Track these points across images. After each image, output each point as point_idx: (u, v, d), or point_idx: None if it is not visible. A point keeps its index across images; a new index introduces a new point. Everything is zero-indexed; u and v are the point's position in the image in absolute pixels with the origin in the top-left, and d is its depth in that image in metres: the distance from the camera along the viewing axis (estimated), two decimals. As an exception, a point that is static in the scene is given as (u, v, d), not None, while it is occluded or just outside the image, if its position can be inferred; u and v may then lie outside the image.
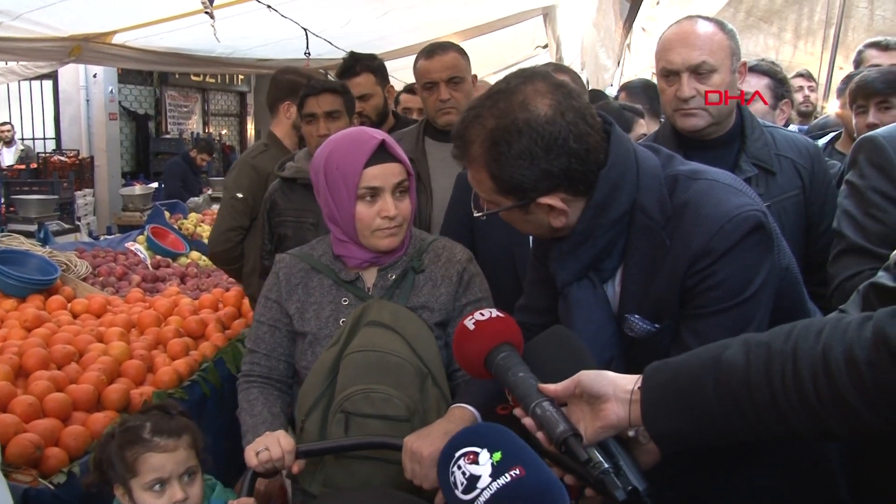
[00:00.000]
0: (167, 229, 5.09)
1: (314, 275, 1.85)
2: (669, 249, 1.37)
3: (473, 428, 1.04)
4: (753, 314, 1.36)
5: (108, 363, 2.47)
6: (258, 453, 1.58)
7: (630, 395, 1.10)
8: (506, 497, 0.91)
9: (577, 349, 1.25)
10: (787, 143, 2.10)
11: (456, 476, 0.96)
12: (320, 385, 1.72)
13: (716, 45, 1.95)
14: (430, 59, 2.72)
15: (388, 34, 7.26)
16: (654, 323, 1.42)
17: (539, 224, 1.42)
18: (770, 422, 1.00)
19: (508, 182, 1.34)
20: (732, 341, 1.07)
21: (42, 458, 2.01)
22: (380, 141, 1.74)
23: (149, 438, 1.60)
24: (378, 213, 1.74)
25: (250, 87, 15.13)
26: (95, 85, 10.76)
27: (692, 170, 1.44)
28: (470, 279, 1.86)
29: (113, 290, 3.83)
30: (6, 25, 4.68)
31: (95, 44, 5.50)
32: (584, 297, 1.46)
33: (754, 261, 1.35)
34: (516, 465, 0.93)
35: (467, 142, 1.38)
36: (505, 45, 8.73)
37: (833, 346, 0.96)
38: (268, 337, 1.86)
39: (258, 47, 6.73)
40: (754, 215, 1.35)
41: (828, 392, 0.94)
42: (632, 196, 1.39)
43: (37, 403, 2.16)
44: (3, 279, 3.30)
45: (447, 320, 1.83)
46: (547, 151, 1.31)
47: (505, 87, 1.37)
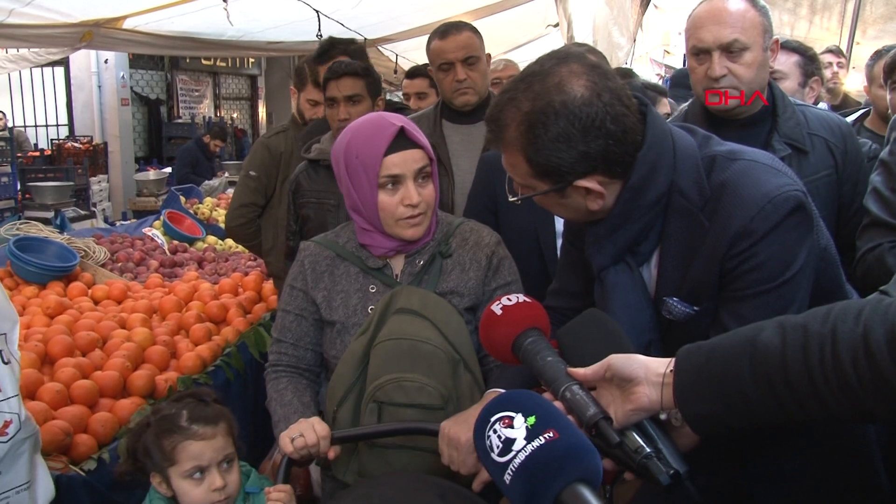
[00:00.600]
0: (183, 214, 5.11)
1: (340, 262, 1.83)
2: (708, 231, 1.35)
3: (508, 394, 1.06)
4: (794, 296, 1.34)
5: (133, 349, 2.48)
6: (293, 440, 1.58)
7: (662, 377, 1.09)
8: (540, 458, 0.93)
9: (613, 332, 1.24)
10: (819, 121, 2.06)
11: (492, 440, 0.98)
12: (351, 375, 1.70)
13: (748, 22, 1.91)
14: (445, 39, 2.68)
15: (399, 14, 7.21)
16: (693, 306, 1.41)
17: (575, 208, 1.40)
18: (808, 404, 0.99)
19: (545, 165, 1.32)
20: (767, 323, 1.05)
21: (71, 444, 2.02)
22: (399, 127, 1.70)
23: (186, 426, 1.59)
24: (401, 201, 1.70)
25: (261, 70, 15.09)
26: (107, 71, 10.76)
27: (730, 150, 1.41)
28: (499, 263, 1.83)
29: (131, 275, 3.84)
30: (17, 12, 4.68)
31: (106, 29, 5.49)
32: (622, 282, 1.44)
33: (795, 242, 1.33)
34: (550, 429, 0.95)
35: (502, 126, 1.35)
36: (516, 24, 8.65)
37: (874, 327, 0.94)
38: (294, 326, 1.84)
39: (269, 29, 6.70)
40: (795, 195, 1.32)
41: (869, 374, 0.93)
42: (669, 178, 1.37)
43: (64, 391, 2.18)
44: (23, 266, 3.33)
45: (477, 305, 1.80)
46: (584, 133, 1.29)
47: (539, 69, 1.34)
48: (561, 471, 0.92)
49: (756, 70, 1.93)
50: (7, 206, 7.37)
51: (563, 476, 0.92)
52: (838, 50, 4.84)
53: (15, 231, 4.17)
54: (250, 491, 1.69)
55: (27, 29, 5.07)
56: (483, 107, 2.73)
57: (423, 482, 1.38)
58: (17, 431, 1.63)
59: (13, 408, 1.63)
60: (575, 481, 0.92)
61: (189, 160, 8.88)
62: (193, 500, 1.59)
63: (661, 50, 11.14)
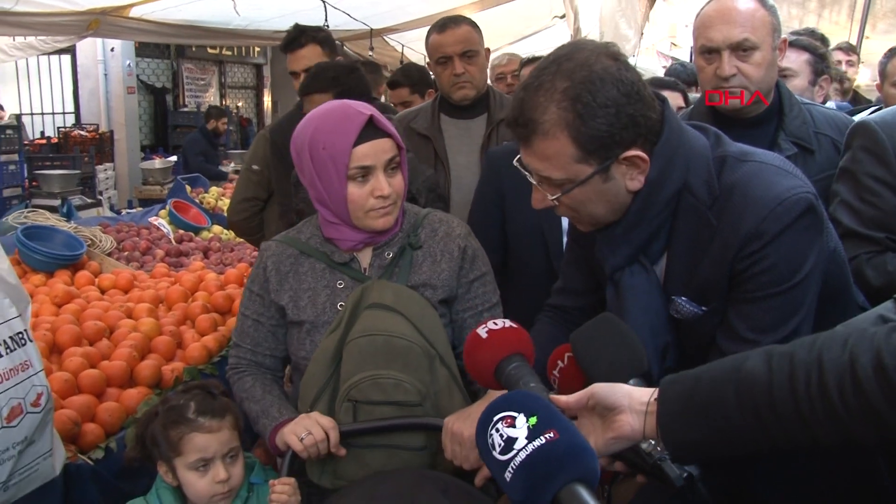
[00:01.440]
0: (189, 203, 5.12)
1: (304, 259, 1.77)
2: (717, 230, 1.36)
3: (510, 394, 1.08)
4: (803, 298, 1.35)
5: (139, 339, 2.50)
6: (302, 438, 1.57)
7: (646, 406, 1.10)
8: (540, 458, 0.96)
9: (627, 337, 1.25)
10: (826, 120, 2.06)
11: (494, 438, 1.00)
12: (323, 374, 1.66)
13: (757, 21, 1.91)
14: (443, 33, 2.69)
15: (404, 4, 7.19)
16: (702, 306, 1.41)
17: (615, 193, 1.37)
18: (793, 432, 1.00)
19: (595, 137, 1.30)
20: (753, 353, 1.07)
21: (79, 433, 2.05)
22: (368, 116, 1.64)
23: (193, 419, 1.61)
24: (371, 192, 1.65)
25: (266, 59, 15.06)
26: (113, 59, 10.76)
27: (741, 151, 1.41)
28: (473, 254, 1.80)
29: (137, 264, 3.86)
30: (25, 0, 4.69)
31: (113, 17, 5.51)
32: (639, 283, 1.44)
33: (805, 244, 1.33)
34: (551, 429, 0.98)
35: (536, 113, 1.32)
36: (521, 16, 8.62)
37: (860, 354, 0.95)
38: (252, 331, 1.80)
39: (275, 18, 6.69)
40: (806, 197, 1.33)
41: (855, 401, 0.94)
42: (683, 174, 1.37)
43: (72, 380, 2.20)
44: (30, 255, 3.34)
45: (451, 297, 1.77)
46: (628, 97, 1.30)
47: (558, 56, 1.34)
48: (560, 470, 0.94)
49: (765, 69, 1.93)
50: (14, 193, 7.40)
51: (562, 475, 0.94)
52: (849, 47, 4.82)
53: (23, 219, 4.19)
54: (255, 482, 1.71)
55: (34, 17, 5.08)
56: (481, 101, 2.73)
57: (426, 478, 1.40)
58: (46, 402, 1.70)
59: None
60: (573, 481, 0.95)
61: (199, 149, 8.86)
62: (197, 491, 1.62)
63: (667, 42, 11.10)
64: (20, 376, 1.65)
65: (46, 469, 1.75)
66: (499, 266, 2.44)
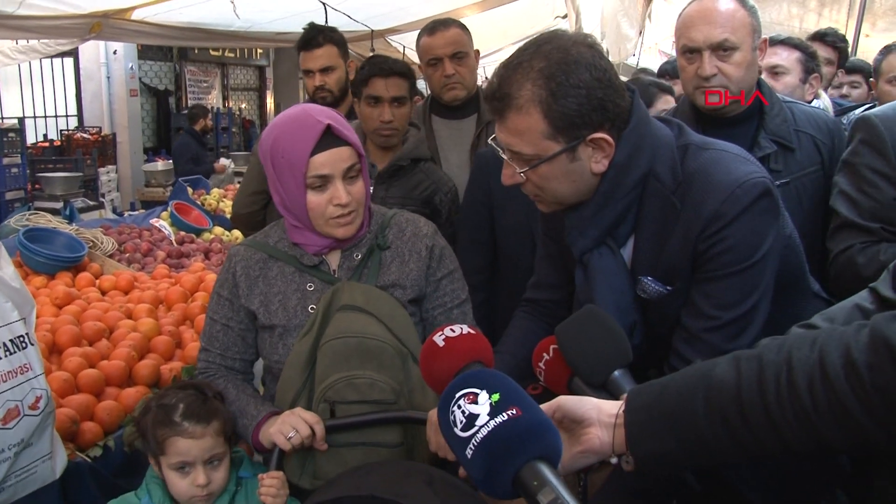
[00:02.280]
0: (190, 205, 5.14)
1: (273, 263, 1.78)
2: (681, 214, 1.43)
3: (473, 372, 1.06)
4: (761, 277, 1.43)
5: (138, 339, 2.52)
6: (289, 437, 1.59)
7: (615, 418, 1.07)
8: (502, 434, 0.94)
9: (612, 330, 1.27)
10: (806, 118, 2.09)
11: (456, 415, 0.99)
12: (299, 377, 1.68)
13: (737, 22, 1.94)
14: (433, 35, 2.72)
15: (406, 5, 7.21)
16: (667, 285, 1.48)
17: (580, 174, 1.44)
18: (763, 438, 0.97)
19: (565, 115, 1.37)
20: (721, 359, 1.04)
21: (78, 431, 2.06)
22: (325, 125, 1.63)
23: (178, 422, 1.61)
24: (330, 200, 1.65)
25: (269, 60, 15.10)
26: (116, 61, 10.80)
27: (702, 140, 1.50)
28: (441, 252, 1.82)
29: (139, 266, 3.88)
30: (27, 3, 4.73)
31: (115, 20, 5.53)
32: (606, 265, 1.51)
33: (763, 226, 1.41)
34: (513, 406, 0.96)
35: (512, 88, 1.40)
36: (523, 16, 8.64)
37: (830, 351, 0.93)
38: (221, 336, 1.80)
39: (277, 20, 6.72)
40: (762, 181, 1.41)
41: (825, 399, 0.92)
42: (649, 161, 1.45)
43: (71, 379, 2.22)
44: (32, 257, 3.36)
45: (420, 296, 1.79)
46: (599, 81, 1.37)
47: (539, 39, 1.43)
48: (522, 447, 0.94)
49: (745, 69, 1.96)
50: (17, 196, 7.43)
51: (524, 452, 0.93)
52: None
53: (25, 222, 4.21)
54: (243, 476, 1.72)
55: (37, 20, 5.11)
56: (471, 101, 2.76)
57: (412, 469, 1.41)
58: (45, 406, 1.72)
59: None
60: (535, 458, 0.94)
61: (190, 155, 8.75)
62: (178, 492, 1.64)
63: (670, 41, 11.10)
64: (18, 379, 1.67)
65: (45, 472, 1.76)
66: (488, 265, 2.46)
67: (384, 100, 2.43)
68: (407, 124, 2.54)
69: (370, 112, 2.45)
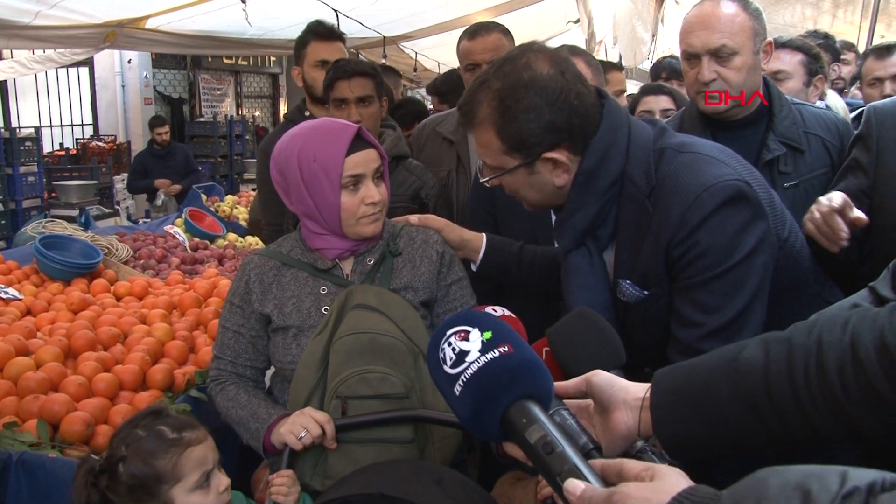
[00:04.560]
0: (204, 212, 5.16)
1: (286, 270, 1.83)
2: (653, 218, 1.44)
3: (466, 311, 1.09)
4: (745, 278, 1.40)
5: (152, 344, 2.53)
6: (300, 437, 1.60)
7: (641, 402, 1.04)
8: (492, 370, 0.94)
9: (605, 331, 1.25)
10: (815, 120, 2.07)
11: (446, 352, 0.98)
12: (313, 376, 1.70)
13: (737, 26, 1.93)
14: (473, 40, 2.69)
15: (418, 11, 7.23)
16: (644, 289, 1.49)
17: (543, 185, 1.49)
18: (791, 422, 0.93)
19: (516, 136, 1.43)
20: (750, 341, 1.01)
21: (93, 435, 2.08)
22: (357, 128, 1.74)
23: (178, 437, 1.53)
24: (362, 200, 1.73)
25: (282, 68, 15.20)
26: (130, 70, 10.92)
27: (680, 143, 1.50)
28: (450, 259, 1.89)
29: (153, 272, 3.90)
30: (43, 14, 4.77)
31: (129, 29, 5.58)
32: (581, 265, 1.54)
33: (737, 228, 1.39)
34: (505, 344, 0.96)
35: (474, 105, 1.47)
36: (536, 21, 8.64)
37: (862, 334, 0.90)
38: (232, 343, 1.84)
39: (289, 27, 6.75)
40: (732, 184, 1.40)
41: (856, 383, 0.89)
42: (621, 165, 1.46)
43: (86, 383, 2.23)
44: (48, 264, 3.39)
45: (431, 300, 1.84)
46: (551, 105, 1.41)
47: (508, 56, 1.48)
48: (512, 384, 0.93)
49: (746, 73, 1.95)
50: (33, 204, 7.51)
51: (514, 390, 0.93)
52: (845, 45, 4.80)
53: (41, 229, 4.25)
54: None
55: (52, 30, 5.16)
56: None
57: (421, 468, 1.42)
58: None
59: None
60: (525, 397, 0.93)
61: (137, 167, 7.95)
62: None
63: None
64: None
65: None
66: None
67: (350, 101, 2.45)
68: (377, 123, 2.53)
69: (338, 115, 2.45)
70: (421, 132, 3.03)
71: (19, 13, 4.66)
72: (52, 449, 1.97)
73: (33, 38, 5.32)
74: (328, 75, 2.54)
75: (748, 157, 1.99)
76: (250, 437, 1.74)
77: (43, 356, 2.34)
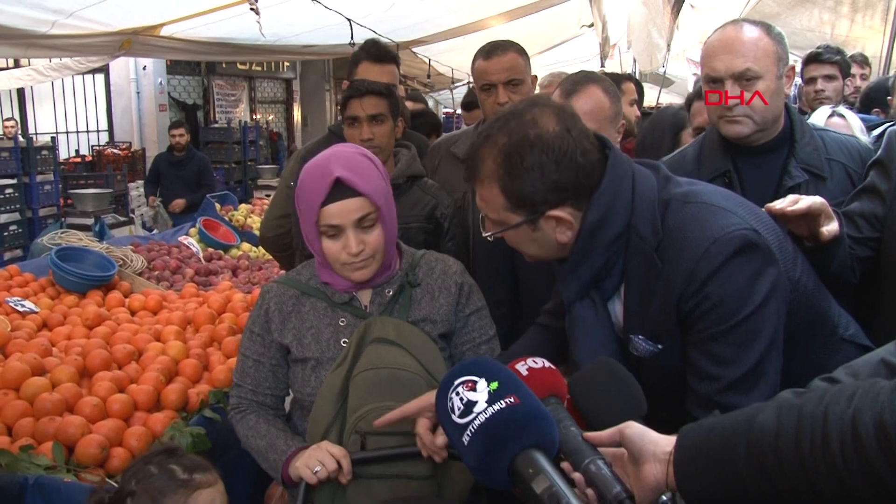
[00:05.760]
0: (218, 221, 5.17)
1: (305, 300, 1.82)
2: (661, 271, 1.41)
3: (472, 360, 1.10)
4: (759, 328, 1.38)
5: (167, 363, 2.52)
6: (315, 472, 1.58)
7: (669, 456, 1.10)
8: (499, 421, 0.96)
9: (626, 382, 1.26)
10: (838, 147, 2.03)
11: (454, 402, 1.01)
12: (332, 408, 1.68)
13: (761, 51, 1.89)
14: (489, 59, 2.64)
15: (432, 16, 7.24)
16: (657, 344, 1.46)
17: (545, 241, 1.47)
18: (798, 487, 0.99)
19: (520, 194, 1.40)
20: (767, 405, 1.07)
21: (107, 457, 2.06)
22: (335, 178, 1.66)
23: (189, 478, 1.50)
24: (342, 248, 1.69)
25: (296, 73, 15.24)
26: (145, 77, 10.98)
27: (685, 192, 1.47)
28: (469, 290, 1.87)
29: (167, 283, 3.91)
30: (60, 23, 4.81)
31: (144, 37, 5.62)
32: (587, 316, 1.52)
33: (748, 279, 1.37)
34: (511, 394, 0.98)
35: (478, 161, 1.44)
36: (550, 25, 8.63)
37: (863, 410, 0.94)
38: (253, 372, 1.84)
39: (303, 34, 6.77)
40: (741, 234, 1.37)
41: (855, 457, 0.93)
42: (626, 218, 1.44)
43: (101, 405, 2.22)
44: (64, 276, 3.41)
45: (450, 332, 1.83)
46: (557, 164, 1.38)
47: (513, 110, 1.45)
48: (519, 435, 0.95)
49: (769, 98, 1.91)
50: (50, 212, 7.56)
51: (521, 440, 0.95)
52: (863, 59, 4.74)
53: (57, 240, 4.27)
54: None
55: (69, 39, 5.21)
56: None
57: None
58: None
59: None
60: (531, 447, 0.95)
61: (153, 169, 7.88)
62: None
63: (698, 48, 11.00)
64: None
65: None
66: (510, 298, 2.43)
67: (361, 119, 2.43)
68: (390, 142, 2.50)
69: (351, 133, 2.46)
70: (435, 152, 3.00)
71: (37, 23, 4.70)
72: (67, 472, 1.96)
73: (51, 47, 5.37)
74: (342, 94, 2.53)
75: (769, 183, 1.97)
76: (269, 468, 1.73)
77: (59, 376, 2.34)
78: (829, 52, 3.87)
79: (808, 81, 3.93)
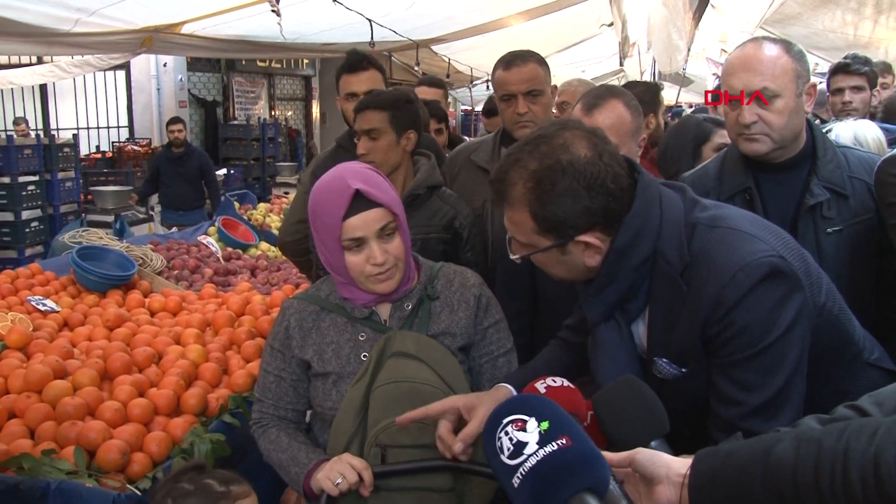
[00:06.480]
0: (237, 220, 5.19)
1: (325, 315, 1.84)
2: (687, 296, 1.41)
3: (521, 397, 1.08)
4: (785, 354, 1.37)
5: (186, 366, 2.53)
6: (337, 483, 1.59)
7: (683, 479, 1.09)
8: (551, 464, 0.94)
9: (649, 400, 1.26)
10: (860, 164, 2.01)
11: (503, 441, 0.98)
12: (352, 422, 1.70)
13: (779, 69, 1.87)
14: (509, 70, 2.62)
15: (452, 14, 7.21)
16: (681, 367, 1.46)
17: (573, 265, 1.47)
18: None
19: (551, 220, 1.40)
20: (785, 435, 1.06)
21: (128, 463, 2.07)
22: (354, 190, 1.68)
23: (226, 490, 1.52)
24: (367, 260, 1.71)
25: (315, 70, 15.28)
26: (166, 74, 11.05)
27: (712, 217, 1.47)
28: (487, 302, 1.88)
29: (186, 283, 3.93)
30: (83, 21, 4.84)
31: (166, 34, 5.64)
32: (611, 338, 1.51)
33: (774, 305, 1.36)
34: (563, 435, 0.96)
35: (508, 184, 1.43)
36: (569, 24, 8.57)
37: (886, 448, 0.93)
38: (274, 387, 1.86)
39: (323, 32, 6.77)
40: (768, 261, 1.36)
41: (876, 495, 0.92)
42: (653, 242, 1.43)
43: (122, 409, 2.23)
44: (85, 275, 3.44)
45: (468, 344, 1.84)
46: (588, 190, 1.37)
47: (543, 133, 1.44)
48: (571, 478, 0.93)
49: (788, 116, 1.89)
50: (71, 209, 7.63)
51: (573, 484, 0.93)
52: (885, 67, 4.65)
53: (78, 238, 4.31)
54: None
55: (92, 36, 5.24)
56: None
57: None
58: None
59: None
60: (584, 490, 0.93)
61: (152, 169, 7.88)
62: None
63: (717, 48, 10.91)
64: None
65: None
66: (528, 310, 2.41)
67: (360, 133, 2.46)
68: (389, 157, 2.46)
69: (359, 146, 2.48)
70: (454, 161, 2.99)
71: (60, 21, 4.73)
72: (88, 478, 1.97)
73: (73, 45, 5.41)
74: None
75: (790, 201, 1.95)
76: (291, 482, 1.75)
77: (80, 379, 2.36)
78: (857, 63, 3.81)
79: (835, 92, 3.86)
